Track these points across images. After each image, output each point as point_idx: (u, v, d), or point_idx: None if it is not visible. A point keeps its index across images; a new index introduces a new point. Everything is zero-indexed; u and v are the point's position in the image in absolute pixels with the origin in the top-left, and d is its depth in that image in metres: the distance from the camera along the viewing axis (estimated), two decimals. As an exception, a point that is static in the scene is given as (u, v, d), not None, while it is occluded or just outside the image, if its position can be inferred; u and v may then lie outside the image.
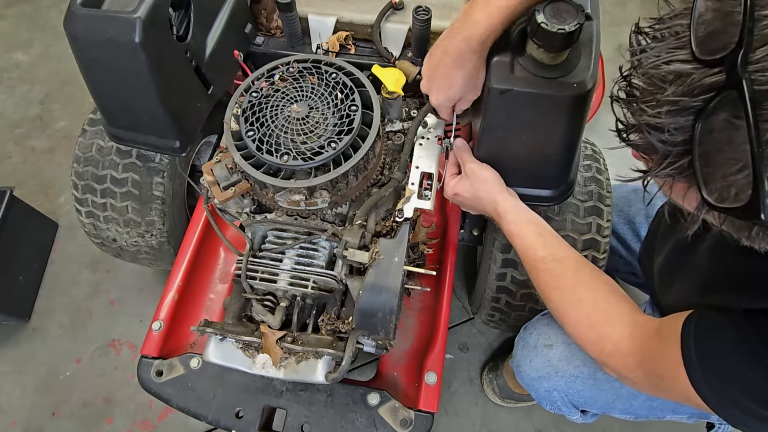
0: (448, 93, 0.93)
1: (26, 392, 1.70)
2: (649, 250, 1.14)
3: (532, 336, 1.11)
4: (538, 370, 1.08)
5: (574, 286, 0.91)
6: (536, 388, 1.10)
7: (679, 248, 0.93)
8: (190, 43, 1.09)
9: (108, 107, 1.15)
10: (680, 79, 0.47)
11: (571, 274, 0.92)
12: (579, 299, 0.90)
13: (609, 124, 0.58)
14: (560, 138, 0.96)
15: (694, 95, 0.46)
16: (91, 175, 1.33)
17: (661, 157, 0.50)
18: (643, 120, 0.50)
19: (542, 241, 0.95)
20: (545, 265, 0.93)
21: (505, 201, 0.99)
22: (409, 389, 1.19)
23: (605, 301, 0.88)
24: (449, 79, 0.90)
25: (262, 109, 1.01)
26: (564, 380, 1.04)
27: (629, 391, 1.01)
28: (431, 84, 0.94)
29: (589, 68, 0.87)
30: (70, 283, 1.88)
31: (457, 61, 0.87)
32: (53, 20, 2.56)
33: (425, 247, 1.28)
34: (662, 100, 0.47)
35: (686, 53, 0.47)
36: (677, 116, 0.47)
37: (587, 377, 1.02)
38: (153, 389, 1.15)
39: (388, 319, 0.98)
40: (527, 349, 1.11)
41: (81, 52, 1.01)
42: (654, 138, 0.49)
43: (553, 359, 1.06)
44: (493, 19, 0.82)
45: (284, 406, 1.13)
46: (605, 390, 1.03)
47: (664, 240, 1.01)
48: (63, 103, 2.29)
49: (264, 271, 1.07)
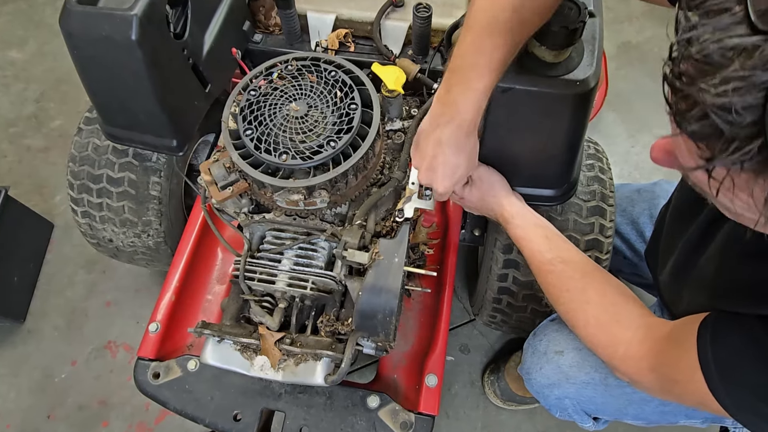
0: (454, 179, 0.92)
1: (21, 395, 1.70)
2: (654, 250, 1.14)
3: (542, 343, 1.11)
4: (548, 377, 1.07)
5: (583, 288, 0.91)
6: (546, 395, 1.09)
7: (686, 253, 0.93)
8: (187, 40, 1.09)
9: (104, 106, 1.15)
10: (745, 53, 0.43)
11: (579, 276, 0.92)
12: (588, 301, 0.90)
13: (612, 122, 0.56)
14: (562, 137, 0.96)
15: (765, 69, 0.42)
16: (87, 174, 1.33)
17: (727, 142, 0.45)
18: (705, 100, 0.45)
19: (549, 244, 0.95)
20: (553, 267, 0.93)
21: (512, 205, 0.99)
22: (409, 392, 1.19)
23: (615, 303, 0.88)
24: (452, 166, 0.89)
25: (261, 107, 1.01)
26: (575, 387, 1.04)
27: (641, 397, 1.00)
28: (434, 175, 0.91)
29: (592, 66, 0.87)
30: (66, 284, 1.88)
31: (456, 148, 0.87)
32: (48, 17, 2.56)
33: (426, 248, 1.28)
34: (728, 76, 0.43)
35: (745, 26, 0.43)
36: (746, 94, 0.43)
37: (598, 383, 1.02)
38: (150, 392, 1.15)
39: (388, 320, 0.98)
40: (537, 356, 1.10)
41: (76, 49, 1.01)
42: (720, 120, 0.44)
43: (563, 366, 1.05)
44: (479, 102, 0.81)
45: (283, 409, 1.13)
46: (617, 396, 1.02)
47: (672, 242, 1.01)
48: (58, 102, 2.29)
49: (262, 272, 1.07)
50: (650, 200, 1.36)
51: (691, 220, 0.92)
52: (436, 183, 0.92)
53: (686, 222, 0.94)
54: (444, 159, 0.88)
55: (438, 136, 0.86)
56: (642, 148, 2.09)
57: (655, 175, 1.99)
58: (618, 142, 2.09)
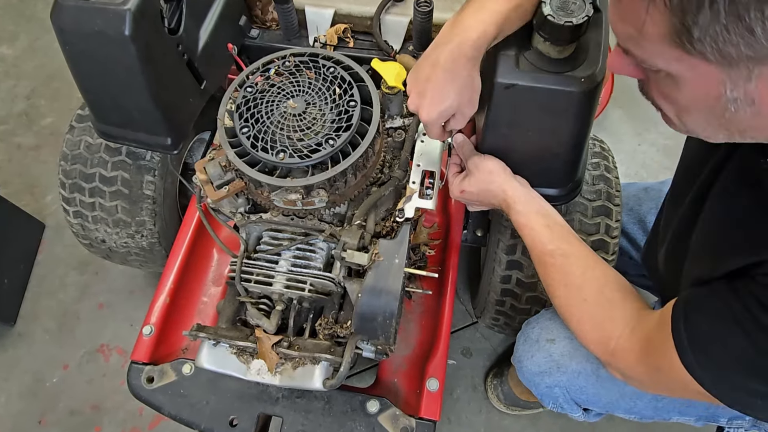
0: (440, 107, 0.87)
1: (11, 399, 1.70)
2: (652, 244, 1.14)
3: (534, 330, 1.12)
4: (539, 365, 1.08)
5: (581, 285, 0.91)
6: (537, 383, 1.10)
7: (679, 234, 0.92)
8: (182, 35, 1.09)
9: (97, 103, 1.16)
10: None
11: (580, 271, 0.92)
12: (585, 299, 0.90)
13: (618, 120, 0.58)
14: (567, 135, 0.96)
15: None
16: (79, 173, 1.33)
17: None
18: None
19: (551, 234, 0.94)
20: (553, 260, 0.93)
21: (515, 189, 0.98)
22: (410, 396, 1.19)
23: (611, 299, 0.89)
24: (441, 91, 0.86)
25: (257, 104, 1.01)
26: (566, 376, 1.05)
27: (633, 390, 1.01)
28: (421, 100, 0.88)
29: (597, 62, 0.88)
30: (57, 286, 1.88)
31: (448, 70, 0.84)
32: (40, 12, 2.56)
33: (427, 249, 1.28)
34: None
35: None
36: None
37: (590, 374, 1.03)
38: (143, 396, 1.15)
39: (388, 323, 0.98)
40: (529, 343, 1.11)
41: (68, 45, 1.01)
42: None
43: (555, 354, 1.06)
44: (487, 25, 0.80)
45: (280, 414, 1.13)
46: (608, 388, 1.03)
47: (666, 229, 1.01)
48: (50, 99, 2.29)
49: (259, 274, 1.07)
50: (658, 199, 1.36)
51: (681, 201, 0.92)
52: (422, 110, 0.89)
53: (678, 205, 0.94)
54: (435, 83, 0.85)
55: (436, 56, 0.84)
56: (649, 146, 2.09)
57: (662, 173, 1.99)
58: (624, 139, 2.09)
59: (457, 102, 0.88)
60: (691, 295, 0.74)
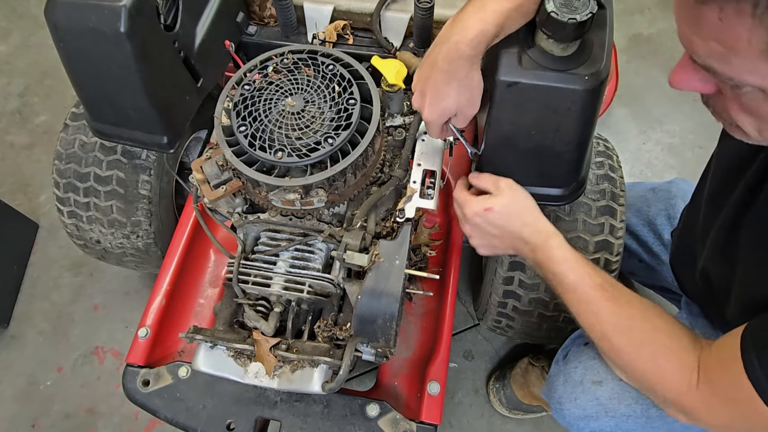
0: (440, 107, 0.89)
1: (4, 403, 1.70)
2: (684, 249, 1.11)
3: (576, 370, 1.06)
4: (584, 408, 1.03)
5: (643, 316, 0.86)
6: (581, 428, 1.06)
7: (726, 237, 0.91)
8: (178, 32, 1.09)
9: (91, 101, 1.16)
10: None
11: (637, 301, 0.87)
12: (649, 339, 0.86)
13: (622, 118, 0.58)
14: (571, 133, 0.96)
15: None
16: (73, 172, 1.33)
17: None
18: None
19: (593, 267, 0.91)
20: (605, 292, 0.88)
21: (548, 224, 0.95)
22: (410, 400, 1.19)
23: (669, 335, 0.85)
24: (440, 91, 0.87)
25: (255, 102, 1.01)
26: (615, 420, 1.01)
27: (683, 427, 0.97)
28: (423, 99, 0.90)
29: (601, 59, 0.87)
30: (51, 288, 1.88)
31: (446, 70, 0.84)
32: (33, 8, 2.56)
33: (428, 249, 1.28)
34: None
35: None
36: None
37: (640, 416, 1.00)
38: (139, 400, 1.15)
39: (388, 325, 0.98)
40: (571, 384, 1.06)
41: (62, 42, 1.01)
42: None
43: (602, 398, 1.01)
44: (486, 24, 0.80)
45: (278, 418, 1.13)
46: (657, 427, 1.00)
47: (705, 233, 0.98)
48: (43, 97, 2.29)
49: (257, 275, 1.07)
50: (667, 200, 1.35)
51: (722, 201, 0.91)
52: (423, 109, 0.90)
53: (718, 207, 0.92)
54: (433, 83, 0.86)
55: (434, 56, 0.85)
56: (654, 145, 2.09)
57: (667, 173, 1.99)
58: (629, 138, 2.09)
59: (456, 102, 0.89)
60: (758, 329, 0.71)
